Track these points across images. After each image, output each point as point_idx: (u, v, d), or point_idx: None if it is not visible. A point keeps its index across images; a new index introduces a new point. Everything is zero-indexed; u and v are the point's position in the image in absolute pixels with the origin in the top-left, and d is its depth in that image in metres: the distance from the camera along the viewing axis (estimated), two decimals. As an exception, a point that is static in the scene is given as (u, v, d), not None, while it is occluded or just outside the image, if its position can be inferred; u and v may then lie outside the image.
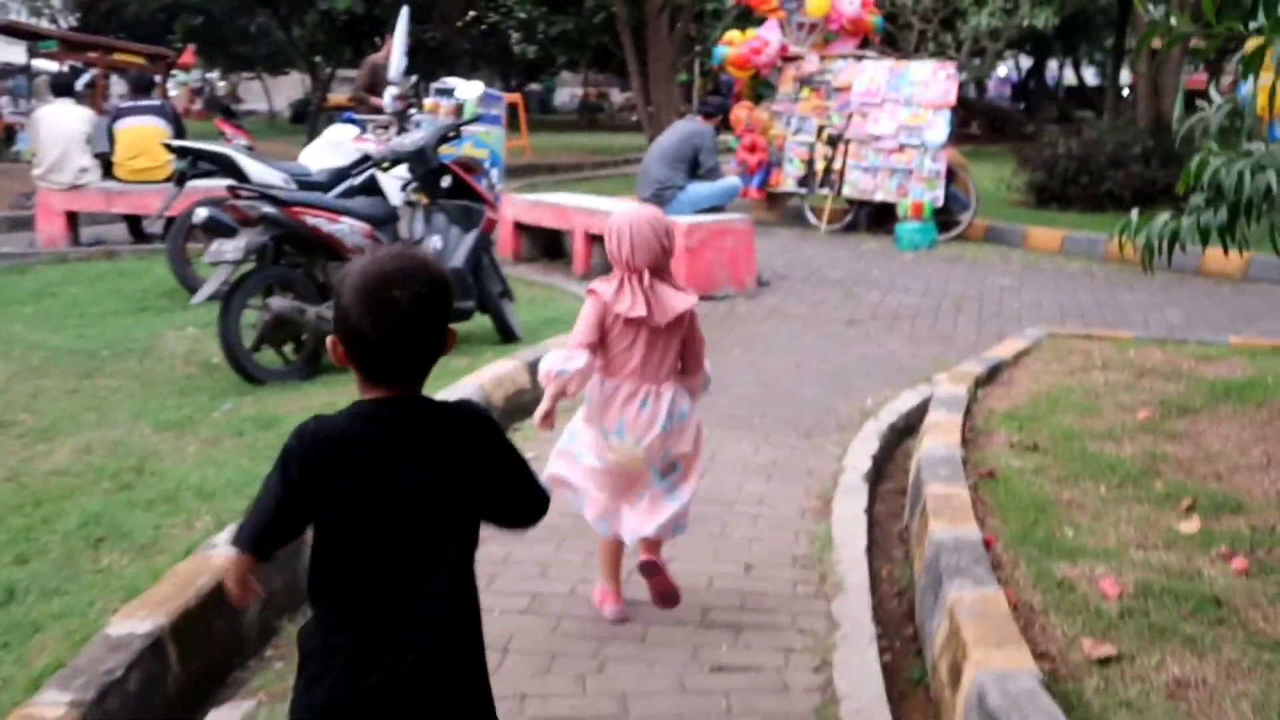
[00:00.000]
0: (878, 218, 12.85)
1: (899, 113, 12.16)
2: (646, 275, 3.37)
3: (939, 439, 4.69)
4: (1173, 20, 4.94)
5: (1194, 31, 4.92)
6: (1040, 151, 15.04)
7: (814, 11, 13.07)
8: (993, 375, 6.02)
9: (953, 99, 11.94)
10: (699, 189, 9.06)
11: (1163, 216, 5.33)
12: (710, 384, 3.66)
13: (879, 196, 12.34)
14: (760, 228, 10.87)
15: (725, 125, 9.65)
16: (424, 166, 6.80)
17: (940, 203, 11.83)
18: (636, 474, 3.53)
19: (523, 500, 2.10)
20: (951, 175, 12.00)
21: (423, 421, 1.96)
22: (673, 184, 8.94)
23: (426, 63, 35.30)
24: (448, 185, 6.88)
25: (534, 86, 52.44)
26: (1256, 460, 4.64)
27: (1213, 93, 5.47)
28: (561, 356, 3.39)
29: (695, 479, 3.61)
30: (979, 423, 5.15)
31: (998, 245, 11.94)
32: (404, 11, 10.32)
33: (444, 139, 6.98)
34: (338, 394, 5.75)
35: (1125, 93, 48.72)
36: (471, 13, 31.47)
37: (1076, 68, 39.12)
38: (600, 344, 3.44)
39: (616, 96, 53.18)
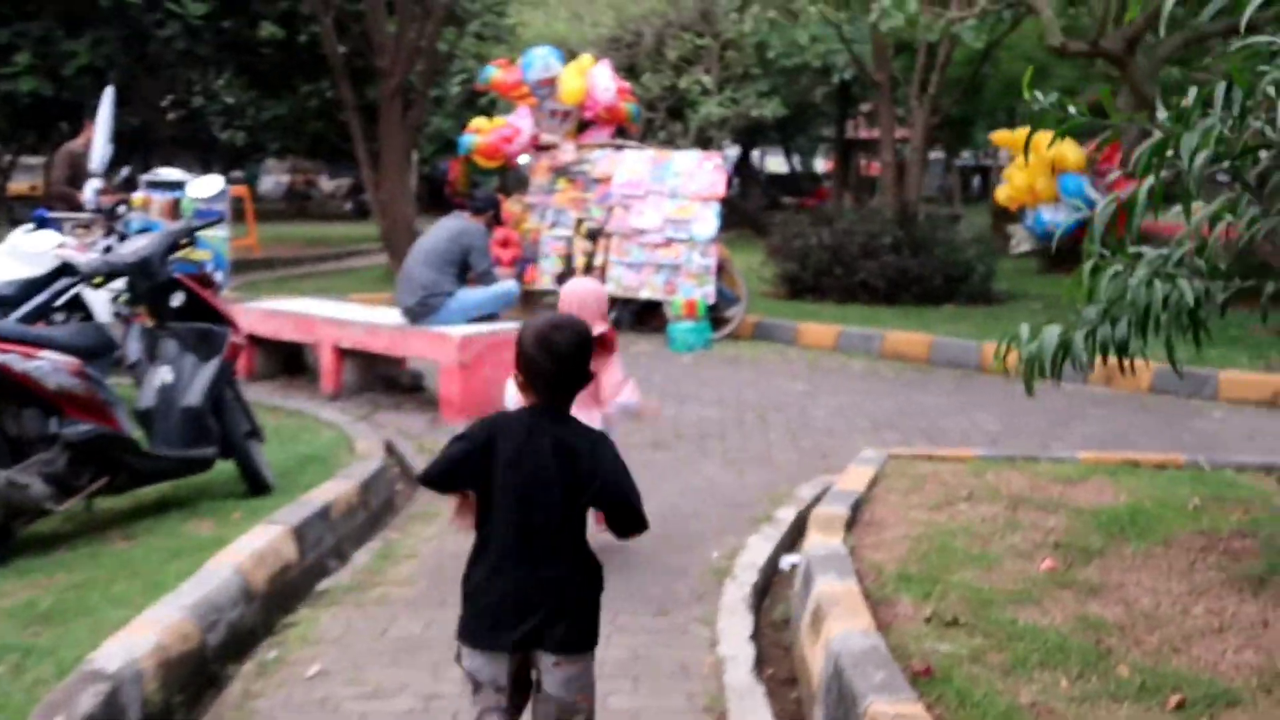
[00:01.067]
0: (642, 316, 12.09)
1: (664, 205, 11.46)
2: None
3: (849, 623, 3.75)
4: (1071, 109, 4.33)
5: (1090, 123, 4.34)
6: (790, 242, 14.74)
7: (567, 98, 12.29)
8: (854, 514, 5.18)
9: (721, 190, 11.35)
10: (471, 295, 7.96)
11: (1053, 330, 4.66)
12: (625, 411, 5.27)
13: (645, 294, 11.58)
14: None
15: (497, 221, 8.60)
16: (150, 281, 5.45)
17: (713, 299, 11.17)
18: None
19: (618, 516, 2.86)
20: (719, 270, 11.38)
21: (562, 426, 2.84)
22: (440, 290, 7.81)
23: (122, 150, 32.72)
24: (179, 304, 5.54)
25: (237, 174, 50.08)
26: (1204, 621, 3.95)
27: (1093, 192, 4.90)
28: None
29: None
30: (871, 586, 4.26)
31: (771, 343, 11.36)
32: (108, 93, 8.84)
33: (175, 246, 5.64)
34: (39, 587, 4.33)
35: (825, 182, 50.70)
36: (170, 96, 29.34)
37: (788, 155, 40.29)
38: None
39: (326, 183, 51.34)
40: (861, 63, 15.10)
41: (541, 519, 2.77)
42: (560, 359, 2.81)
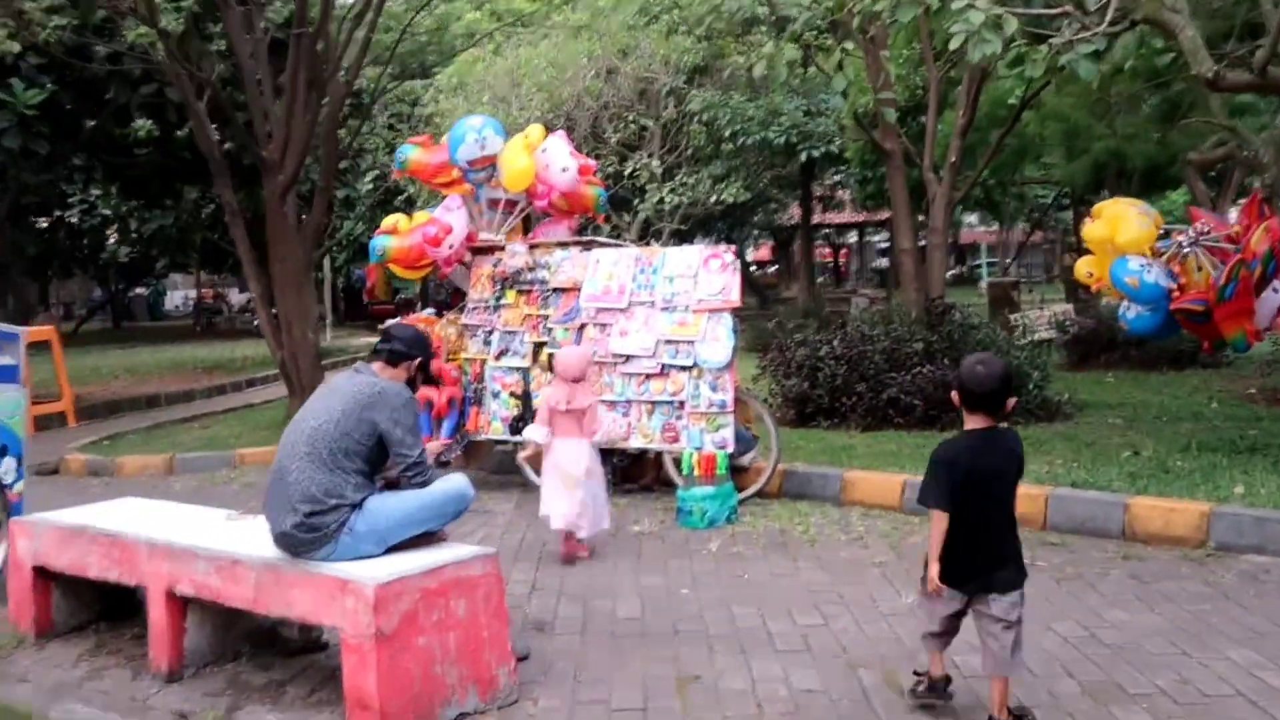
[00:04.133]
0: (629, 472, 8.95)
1: (656, 321, 8.37)
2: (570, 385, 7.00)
3: None
4: None
5: None
6: (791, 353, 11.73)
7: (512, 183, 9.20)
8: None
9: (735, 297, 8.27)
10: (394, 504, 4.67)
11: None
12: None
13: (635, 443, 8.42)
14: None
15: (425, 375, 5.29)
16: None
17: (731, 447, 8.05)
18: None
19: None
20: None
21: (1003, 436, 4.19)
22: (339, 499, 4.57)
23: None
24: None
25: (140, 290, 46.78)
26: None
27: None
28: (538, 431, 7.02)
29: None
30: None
31: (812, 502, 8.24)
32: None
33: None
34: None
35: (756, 269, 48.36)
36: (56, 213, 25.89)
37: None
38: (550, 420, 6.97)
39: (236, 297, 47.99)
40: (867, 130, 12.22)
41: (1002, 503, 4.21)
42: (985, 382, 4.09)
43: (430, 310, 9.83)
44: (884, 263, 47.38)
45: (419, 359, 4.94)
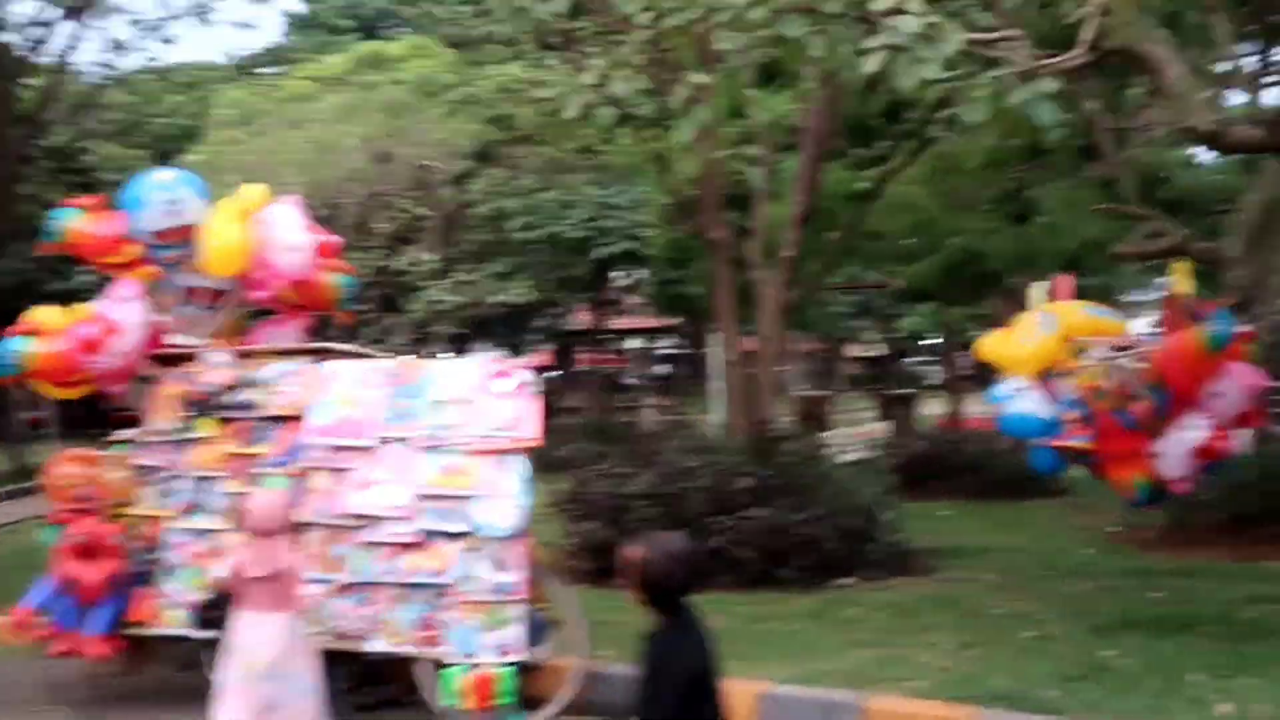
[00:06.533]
0: (366, 682, 6.30)
1: (416, 466, 5.83)
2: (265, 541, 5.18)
3: None
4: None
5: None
6: (588, 486, 9.44)
7: (218, 266, 6.56)
8: None
9: (534, 432, 5.83)
10: None
11: None
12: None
13: (378, 644, 5.81)
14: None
15: None
16: None
17: (520, 653, 5.54)
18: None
19: None
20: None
21: (701, 622, 3.55)
22: None
23: None
24: None
25: None
26: None
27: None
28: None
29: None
30: None
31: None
32: None
33: None
34: None
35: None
36: None
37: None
38: None
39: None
40: (688, 216, 10.11)
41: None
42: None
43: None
44: (663, 369, 46.37)
45: None
